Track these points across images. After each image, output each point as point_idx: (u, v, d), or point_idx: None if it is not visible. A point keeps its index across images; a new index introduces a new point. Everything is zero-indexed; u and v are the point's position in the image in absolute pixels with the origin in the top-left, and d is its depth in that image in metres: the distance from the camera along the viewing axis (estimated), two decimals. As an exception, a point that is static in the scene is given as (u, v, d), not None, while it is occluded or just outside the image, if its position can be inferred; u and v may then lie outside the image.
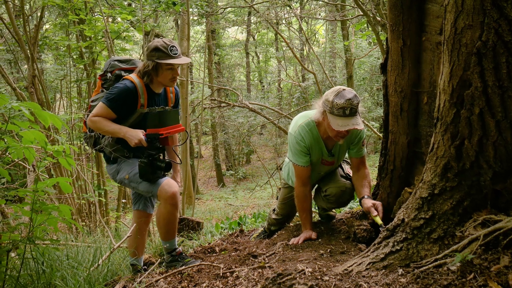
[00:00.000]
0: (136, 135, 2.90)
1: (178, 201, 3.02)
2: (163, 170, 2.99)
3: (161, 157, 3.02)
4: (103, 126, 2.94)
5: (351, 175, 3.32)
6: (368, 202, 2.93)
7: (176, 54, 2.96)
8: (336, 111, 2.80)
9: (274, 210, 3.80)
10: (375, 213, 2.85)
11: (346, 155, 3.37)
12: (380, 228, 2.78)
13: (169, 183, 2.99)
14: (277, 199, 3.86)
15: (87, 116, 3.11)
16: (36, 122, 4.63)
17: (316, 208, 3.74)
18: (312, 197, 3.43)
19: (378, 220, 2.83)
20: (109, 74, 3.13)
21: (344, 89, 2.85)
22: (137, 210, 3.30)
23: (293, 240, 3.09)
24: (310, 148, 3.11)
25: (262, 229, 3.97)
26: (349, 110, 2.78)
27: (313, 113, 3.05)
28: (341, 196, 3.26)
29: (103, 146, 3.07)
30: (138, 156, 3.05)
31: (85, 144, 3.27)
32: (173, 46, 2.95)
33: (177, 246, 3.17)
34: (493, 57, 1.82)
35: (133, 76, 3.01)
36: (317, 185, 3.52)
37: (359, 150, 3.19)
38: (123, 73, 3.11)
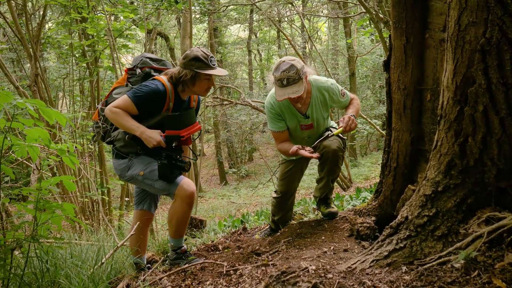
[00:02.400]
0: (155, 137, 2.86)
1: (194, 201, 3.02)
2: (184, 170, 2.99)
3: (179, 157, 3.02)
4: (122, 120, 2.87)
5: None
6: (346, 116, 3.21)
7: (214, 65, 2.96)
8: (276, 83, 3.11)
9: (275, 191, 3.86)
10: (344, 124, 3.14)
11: (335, 125, 3.58)
12: (328, 133, 3.29)
13: (188, 183, 2.99)
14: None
15: (103, 105, 3.06)
16: (40, 119, 4.63)
17: (317, 206, 3.74)
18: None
19: (337, 131, 3.20)
20: (138, 70, 3.07)
21: (283, 61, 3.11)
22: (142, 210, 3.29)
23: (304, 152, 3.19)
24: (282, 114, 3.36)
25: (268, 227, 3.99)
26: (285, 80, 3.06)
27: None
28: (332, 144, 3.29)
29: (114, 139, 3.04)
30: (150, 154, 3.05)
31: (91, 134, 3.22)
32: (212, 57, 2.96)
33: (183, 245, 3.17)
34: (497, 54, 1.81)
35: (165, 79, 2.96)
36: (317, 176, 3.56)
37: (343, 101, 3.44)
38: (152, 72, 3.07)
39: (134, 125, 2.88)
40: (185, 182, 2.98)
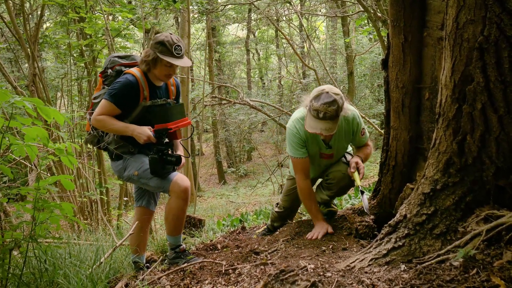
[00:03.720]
0: (144, 132, 2.91)
1: (189, 196, 3.03)
2: (174, 164, 3.00)
3: (170, 152, 3.03)
4: (109, 125, 2.92)
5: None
6: (354, 158, 3.10)
7: (179, 54, 2.95)
8: (312, 112, 2.86)
9: (277, 204, 3.81)
10: (354, 169, 3.02)
11: (349, 148, 3.42)
12: (359, 188, 3.00)
13: (182, 178, 3.01)
14: (281, 193, 3.87)
15: (90, 115, 3.10)
16: (38, 118, 4.62)
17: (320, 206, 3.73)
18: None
19: (357, 180, 2.98)
20: (109, 70, 3.11)
21: (326, 92, 2.85)
22: (140, 207, 3.30)
23: (311, 235, 3.08)
24: (306, 141, 3.14)
25: (266, 226, 3.98)
26: (322, 114, 2.81)
27: None
28: (342, 179, 3.25)
29: (106, 143, 3.06)
30: (143, 151, 3.06)
31: (88, 144, 3.25)
32: (178, 46, 2.94)
33: (181, 243, 3.17)
34: (495, 51, 1.81)
35: (134, 70, 3.00)
36: (319, 179, 3.52)
37: (360, 139, 3.25)
38: (123, 68, 3.09)
39: (122, 125, 2.95)
40: (179, 177, 3.00)
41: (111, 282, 2.86)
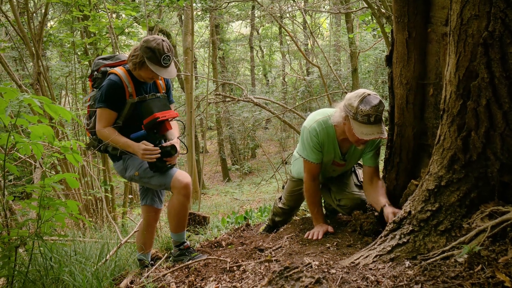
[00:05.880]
0: (139, 148, 2.92)
1: (191, 192, 3.04)
2: (170, 154, 3.00)
3: (163, 144, 3.05)
4: (114, 142, 2.98)
5: None
6: (390, 210, 2.73)
7: (166, 64, 2.94)
8: (361, 118, 2.68)
9: (280, 198, 3.77)
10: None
11: (360, 161, 3.34)
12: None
13: (182, 174, 3.03)
14: (283, 188, 3.82)
15: (87, 119, 3.17)
16: (44, 115, 4.64)
17: (324, 202, 3.73)
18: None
19: None
20: (95, 73, 3.16)
21: (369, 94, 2.71)
22: (145, 205, 3.31)
23: (311, 234, 3.03)
24: (323, 146, 3.01)
25: (265, 224, 3.97)
26: (374, 117, 2.67)
27: (331, 111, 2.96)
28: (354, 208, 3.21)
29: (105, 145, 3.09)
30: None
31: (90, 147, 3.28)
32: (167, 56, 2.92)
33: (185, 240, 3.18)
34: (500, 47, 1.80)
35: (117, 69, 3.03)
36: (328, 184, 3.48)
37: (373, 157, 3.06)
38: (108, 68, 3.12)
39: (124, 142, 2.97)
40: (180, 173, 3.03)
41: (116, 279, 2.87)
